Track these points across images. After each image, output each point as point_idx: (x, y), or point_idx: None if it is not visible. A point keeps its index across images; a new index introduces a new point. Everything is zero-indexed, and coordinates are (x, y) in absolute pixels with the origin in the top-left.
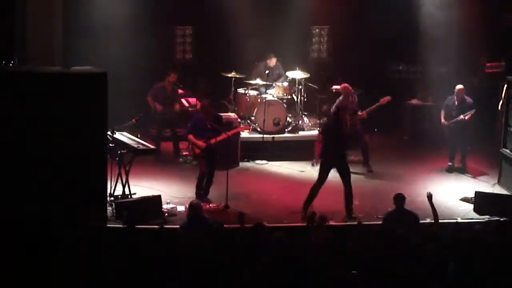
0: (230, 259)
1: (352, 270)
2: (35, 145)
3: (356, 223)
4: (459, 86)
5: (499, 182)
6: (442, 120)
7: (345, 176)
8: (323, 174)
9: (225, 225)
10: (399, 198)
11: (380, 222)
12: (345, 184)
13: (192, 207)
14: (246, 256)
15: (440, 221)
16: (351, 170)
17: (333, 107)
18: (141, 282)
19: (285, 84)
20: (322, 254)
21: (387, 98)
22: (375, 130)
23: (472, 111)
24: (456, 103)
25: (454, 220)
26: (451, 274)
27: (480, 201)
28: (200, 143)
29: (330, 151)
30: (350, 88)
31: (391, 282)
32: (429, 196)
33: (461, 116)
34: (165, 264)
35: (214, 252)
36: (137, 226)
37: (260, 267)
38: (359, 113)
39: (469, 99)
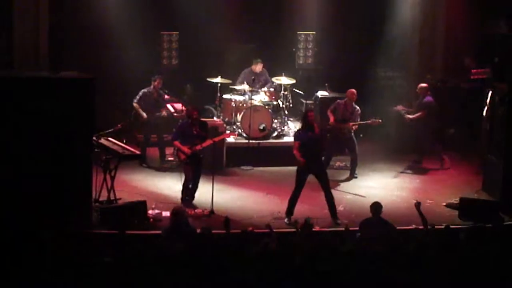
0: (219, 265)
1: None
2: (21, 149)
3: (343, 228)
4: (421, 85)
5: (483, 188)
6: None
7: (323, 180)
8: (302, 180)
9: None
10: (375, 207)
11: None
12: (324, 189)
13: (175, 213)
14: (235, 262)
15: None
16: (338, 177)
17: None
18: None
19: (271, 89)
20: (311, 258)
21: (378, 122)
22: (361, 136)
23: (418, 114)
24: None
25: (440, 226)
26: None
27: (465, 207)
28: (186, 149)
29: (307, 157)
30: (351, 94)
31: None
32: (417, 205)
33: (407, 115)
34: (151, 270)
35: (202, 257)
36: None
37: (249, 273)
38: (351, 123)
39: (426, 99)
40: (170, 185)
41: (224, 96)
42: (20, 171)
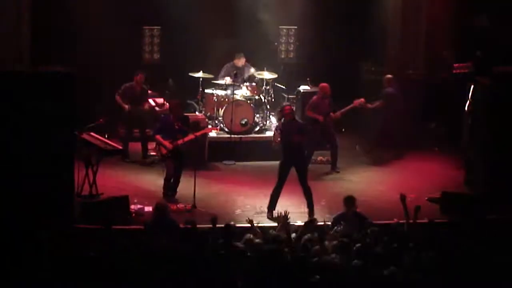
0: (203, 259)
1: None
2: (1, 144)
3: (323, 223)
4: (386, 76)
5: (465, 183)
6: None
7: (302, 174)
8: (284, 174)
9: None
10: (348, 200)
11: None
12: (302, 183)
13: (158, 208)
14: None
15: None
16: (320, 171)
17: (307, 105)
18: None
19: (253, 84)
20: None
21: (361, 100)
22: (343, 130)
23: (376, 103)
24: None
25: (422, 221)
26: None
27: (447, 201)
28: (167, 143)
29: (288, 151)
30: (328, 89)
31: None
32: (402, 198)
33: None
34: (135, 264)
35: (186, 252)
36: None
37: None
38: (332, 114)
39: (386, 90)
40: (152, 180)
41: (206, 90)
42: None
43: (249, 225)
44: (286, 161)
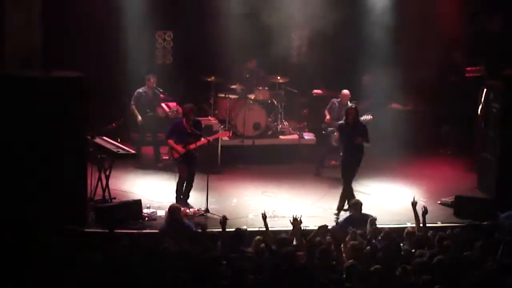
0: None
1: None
2: (14, 149)
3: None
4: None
5: (478, 186)
6: None
7: (347, 177)
8: (351, 174)
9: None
10: (354, 204)
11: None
12: (345, 183)
13: (171, 211)
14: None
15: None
16: (333, 175)
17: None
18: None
19: (266, 88)
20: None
21: (369, 118)
22: None
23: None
24: None
25: (435, 224)
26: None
27: (460, 205)
28: (180, 148)
29: (350, 149)
30: (348, 98)
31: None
32: (414, 204)
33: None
34: (145, 269)
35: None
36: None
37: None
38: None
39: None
40: (165, 184)
41: (219, 94)
42: (14, 171)
43: (259, 229)
44: (349, 160)
